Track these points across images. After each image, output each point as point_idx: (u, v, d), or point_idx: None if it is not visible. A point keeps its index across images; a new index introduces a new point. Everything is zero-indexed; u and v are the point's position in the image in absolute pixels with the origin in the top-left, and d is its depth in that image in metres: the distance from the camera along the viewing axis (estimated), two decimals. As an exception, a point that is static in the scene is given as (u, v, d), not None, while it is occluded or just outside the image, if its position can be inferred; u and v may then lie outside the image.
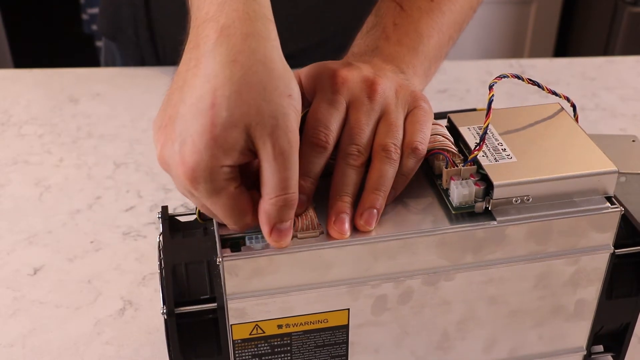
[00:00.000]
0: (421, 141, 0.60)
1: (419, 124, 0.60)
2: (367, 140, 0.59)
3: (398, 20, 0.72)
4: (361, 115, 0.59)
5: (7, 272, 0.80)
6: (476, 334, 0.63)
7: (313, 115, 0.59)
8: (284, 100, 0.51)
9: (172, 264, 0.57)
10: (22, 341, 0.72)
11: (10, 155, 0.98)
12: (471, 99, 1.10)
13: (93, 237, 0.85)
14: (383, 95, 0.61)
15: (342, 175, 0.58)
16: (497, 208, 0.58)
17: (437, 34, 0.73)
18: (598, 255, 0.60)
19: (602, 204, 0.59)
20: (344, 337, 0.60)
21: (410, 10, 0.73)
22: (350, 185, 0.58)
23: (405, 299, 0.59)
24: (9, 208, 0.89)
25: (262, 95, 0.51)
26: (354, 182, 0.58)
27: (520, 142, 0.61)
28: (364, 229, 0.57)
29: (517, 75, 0.63)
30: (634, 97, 1.11)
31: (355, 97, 0.60)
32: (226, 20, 0.52)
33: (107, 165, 0.96)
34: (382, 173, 0.58)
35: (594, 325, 0.65)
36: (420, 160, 0.60)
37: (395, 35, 0.70)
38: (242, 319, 0.57)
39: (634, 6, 2.02)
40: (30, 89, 1.13)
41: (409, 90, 0.63)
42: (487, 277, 0.60)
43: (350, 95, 0.60)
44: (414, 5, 0.73)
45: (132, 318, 0.75)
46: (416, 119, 0.61)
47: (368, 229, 0.57)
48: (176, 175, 0.52)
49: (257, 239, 0.56)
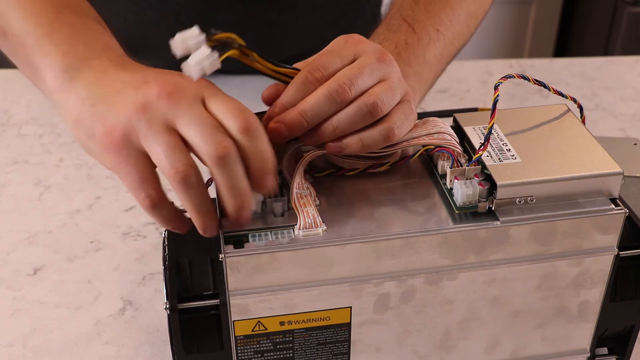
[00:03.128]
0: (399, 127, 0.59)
1: (404, 115, 0.60)
2: (361, 86, 0.58)
3: (410, 40, 0.72)
4: (365, 65, 0.58)
5: (7, 272, 0.80)
6: (478, 334, 0.63)
7: (316, 57, 0.59)
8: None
9: (176, 259, 0.58)
10: (22, 341, 0.72)
11: (10, 155, 0.97)
12: (471, 99, 1.10)
13: (93, 237, 0.84)
14: (391, 64, 0.60)
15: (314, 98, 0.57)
16: (500, 208, 0.58)
17: (438, 63, 0.74)
18: (602, 257, 0.60)
19: (607, 206, 0.59)
20: (346, 335, 0.60)
21: (420, 34, 0.73)
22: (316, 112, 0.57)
23: (407, 297, 0.59)
24: (9, 208, 0.89)
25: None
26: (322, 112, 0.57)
27: (525, 143, 0.61)
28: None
29: (523, 76, 0.63)
30: (634, 97, 1.11)
31: (365, 54, 0.59)
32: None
33: (107, 165, 0.96)
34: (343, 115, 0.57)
35: (598, 327, 0.64)
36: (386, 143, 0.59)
37: (406, 54, 0.71)
38: (245, 315, 0.57)
39: (634, 6, 2.02)
40: (30, 89, 1.11)
41: (407, 86, 0.62)
42: (490, 277, 0.59)
43: (361, 52, 0.59)
44: (424, 31, 0.74)
45: (132, 318, 0.75)
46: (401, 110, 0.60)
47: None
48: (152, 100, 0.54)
49: (260, 237, 0.56)
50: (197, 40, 0.54)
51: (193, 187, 0.53)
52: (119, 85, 0.57)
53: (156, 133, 0.53)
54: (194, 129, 0.53)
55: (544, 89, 0.65)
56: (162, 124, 0.53)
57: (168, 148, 0.53)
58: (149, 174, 0.54)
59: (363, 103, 0.57)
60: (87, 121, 0.56)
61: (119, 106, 0.55)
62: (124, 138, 0.54)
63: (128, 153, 0.54)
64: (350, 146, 0.58)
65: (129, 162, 0.54)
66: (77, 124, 0.58)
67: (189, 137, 0.53)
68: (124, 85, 0.56)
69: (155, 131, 0.53)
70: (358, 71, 0.58)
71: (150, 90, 0.54)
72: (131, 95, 0.55)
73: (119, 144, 0.54)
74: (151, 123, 0.53)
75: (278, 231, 0.56)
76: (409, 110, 0.60)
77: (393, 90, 0.59)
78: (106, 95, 0.56)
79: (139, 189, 0.54)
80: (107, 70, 0.59)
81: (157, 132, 0.53)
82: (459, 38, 0.78)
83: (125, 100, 0.55)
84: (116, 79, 0.57)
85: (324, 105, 0.57)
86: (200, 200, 0.54)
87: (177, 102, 0.54)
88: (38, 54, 0.62)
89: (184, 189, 0.53)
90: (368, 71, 0.58)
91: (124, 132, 0.54)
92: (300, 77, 0.58)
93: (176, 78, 0.56)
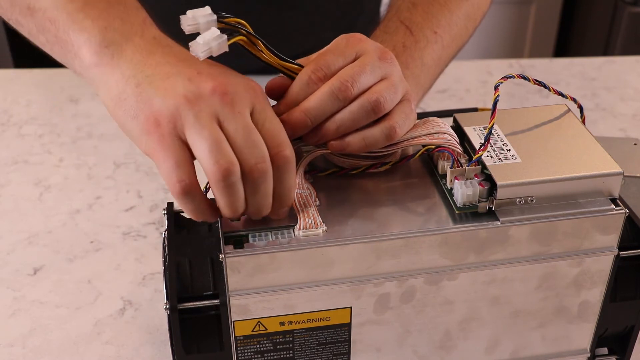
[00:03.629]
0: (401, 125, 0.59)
1: (404, 114, 0.60)
2: (363, 84, 0.58)
3: (407, 43, 0.72)
4: (367, 63, 0.58)
5: (7, 272, 0.80)
6: (479, 334, 0.63)
7: (318, 56, 0.59)
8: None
9: (176, 260, 0.58)
10: (22, 341, 0.72)
11: (10, 155, 0.97)
12: (471, 99, 1.10)
13: (93, 237, 0.84)
14: (392, 63, 0.60)
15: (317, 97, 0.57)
16: (500, 208, 0.58)
17: (436, 66, 0.74)
18: (602, 257, 0.60)
19: (607, 206, 0.59)
20: (346, 335, 0.60)
21: (418, 37, 0.73)
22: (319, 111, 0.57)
23: (407, 298, 0.59)
24: (9, 208, 0.89)
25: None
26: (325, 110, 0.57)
27: (525, 143, 0.61)
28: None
29: (523, 76, 0.63)
30: (634, 97, 1.11)
31: (367, 53, 0.59)
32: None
33: (107, 165, 0.96)
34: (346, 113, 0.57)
35: (598, 327, 0.64)
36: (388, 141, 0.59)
37: (404, 57, 0.71)
38: (245, 315, 0.57)
39: (634, 6, 2.02)
40: (30, 89, 1.13)
41: (408, 85, 0.62)
42: (490, 277, 0.59)
43: (362, 51, 0.59)
44: (422, 33, 0.73)
45: (132, 318, 0.75)
46: (402, 109, 0.60)
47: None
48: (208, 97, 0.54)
49: (260, 237, 0.56)
50: (208, 19, 0.53)
51: (232, 187, 0.53)
52: (170, 70, 0.56)
53: (203, 127, 0.53)
54: (239, 139, 0.53)
55: (544, 89, 0.65)
56: (211, 120, 0.53)
57: (214, 144, 0.52)
58: (185, 161, 0.54)
59: (366, 101, 0.57)
60: (131, 101, 0.55)
61: (169, 92, 0.54)
62: (169, 125, 0.53)
63: (170, 140, 0.53)
64: (353, 144, 0.58)
65: (169, 147, 0.53)
66: (118, 103, 0.56)
67: (233, 143, 0.53)
68: (176, 71, 0.55)
69: (202, 125, 0.53)
70: (360, 69, 0.58)
71: (204, 84, 0.54)
72: (183, 83, 0.54)
73: (163, 131, 0.53)
74: (200, 116, 0.53)
75: (278, 231, 0.56)
76: (409, 110, 0.60)
77: (395, 88, 0.59)
78: (154, 77, 0.55)
79: (172, 173, 0.53)
80: (153, 50, 0.58)
81: (204, 127, 0.53)
82: (457, 40, 0.78)
83: (176, 88, 0.54)
84: (165, 62, 0.56)
85: (327, 103, 0.57)
86: (235, 200, 0.54)
87: (231, 105, 0.54)
88: (73, 29, 0.60)
89: (224, 187, 0.53)
90: (370, 69, 0.58)
91: (170, 119, 0.53)
92: (303, 76, 0.58)
93: (230, 78, 0.55)
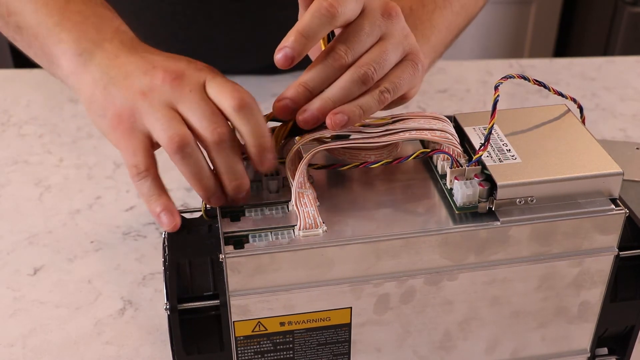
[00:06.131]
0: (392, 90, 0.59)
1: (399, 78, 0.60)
2: (357, 51, 0.58)
3: (414, 6, 0.72)
4: (365, 24, 0.58)
5: (7, 272, 0.80)
6: (479, 335, 0.63)
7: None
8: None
9: (176, 260, 0.58)
10: (22, 341, 0.72)
11: (10, 155, 0.97)
12: (471, 99, 1.10)
13: (93, 237, 0.84)
14: (396, 19, 0.60)
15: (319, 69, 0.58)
16: (500, 208, 0.58)
17: (447, 30, 0.74)
18: (602, 257, 0.60)
19: (607, 206, 0.59)
20: (346, 336, 0.60)
21: (425, 1, 0.73)
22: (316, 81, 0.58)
23: (407, 298, 0.59)
24: (9, 208, 0.89)
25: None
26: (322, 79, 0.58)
27: (525, 143, 0.61)
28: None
29: (523, 76, 0.63)
30: (634, 97, 1.11)
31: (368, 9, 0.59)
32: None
33: (107, 165, 0.95)
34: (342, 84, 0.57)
35: (598, 327, 0.64)
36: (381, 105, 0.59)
37: (411, 19, 0.71)
38: (245, 316, 0.57)
39: (634, 6, 2.02)
40: (30, 89, 1.13)
41: (415, 44, 0.62)
42: (490, 277, 0.59)
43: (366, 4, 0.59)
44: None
45: (132, 318, 0.75)
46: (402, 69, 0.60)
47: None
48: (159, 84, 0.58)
49: (260, 237, 0.56)
50: None
51: (190, 157, 0.56)
52: (129, 69, 0.60)
53: (156, 112, 0.57)
54: (193, 114, 0.56)
55: (544, 89, 0.65)
56: (163, 105, 0.57)
57: (165, 122, 0.56)
58: (142, 148, 0.58)
59: (355, 74, 0.58)
60: (100, 102, 0.61)
61: (128, 89, 0.59)
62: (130, 120, 0.58)
63: (131, 132, 0.58)
64: (348, 112, 0.57)
65: (129, 138, 0.58)
66: (90, 104, 0.62)
67: (189, 122, 0.56)
68: (134, 69, 0.60)
69: (155, 111, 0.57)
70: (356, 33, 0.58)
71: (156, 75, 0.58)
72: (139, 79, 0.59)
73: (125, 125, 0.59)
74: (153, 104, 0.57)
75: (278, 232, 0.56)
76: (411, 70, 0.60)
77: (388, 52, 0.59)
78: (117, 78, 0.60)
79: (129, 160, 0.58)
80: (118, 53, 0.62)
81: (156, 111, 0.57)
82: (466, 9, 0.77)
83: (133, 84, 0.59)
84: (126, 62, 0.61)
85: (322, 73, 0.58)
86: (197, 169, 0.56)
87: (180, 87, 0.57)
88: (52, 42, 0.66)
89: (181, 158, 0.56)
90: (368, 30, 0.58)
91: (130, 114, 0.58)
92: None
93: (182, 64, 0.59)
